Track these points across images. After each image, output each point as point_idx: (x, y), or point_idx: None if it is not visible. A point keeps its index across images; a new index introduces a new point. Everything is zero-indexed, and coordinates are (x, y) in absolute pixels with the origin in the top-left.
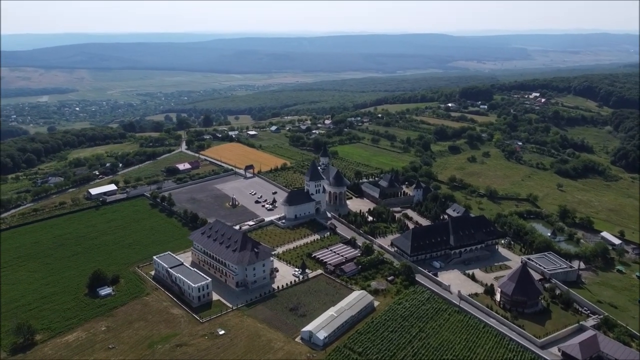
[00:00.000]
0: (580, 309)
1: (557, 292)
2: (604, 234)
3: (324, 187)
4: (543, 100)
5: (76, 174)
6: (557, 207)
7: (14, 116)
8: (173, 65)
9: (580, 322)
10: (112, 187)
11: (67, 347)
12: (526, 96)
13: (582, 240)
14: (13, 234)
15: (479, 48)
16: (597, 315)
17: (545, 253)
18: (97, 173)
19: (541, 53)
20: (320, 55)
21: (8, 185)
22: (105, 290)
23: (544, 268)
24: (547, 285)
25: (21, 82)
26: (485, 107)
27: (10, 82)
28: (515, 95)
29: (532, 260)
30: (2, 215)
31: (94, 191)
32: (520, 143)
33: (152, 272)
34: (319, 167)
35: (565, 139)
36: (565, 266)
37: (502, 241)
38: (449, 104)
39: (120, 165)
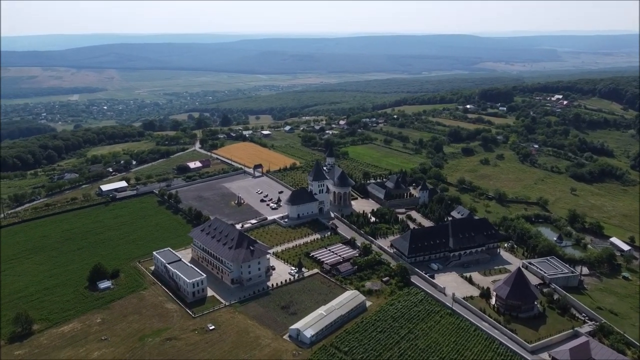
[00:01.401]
0: (578, 315)
1: (556, 297)
2: (613, 239)
3: (327, 187)
4: (565, 102)
5: (91, 170)
6: (567, 212)
7: (44, 114)
8: (199, 66)
9: (575, 328)
10: (123, 183)
11: (62, 337)
12: (548, 98)
13: (589, 246)
14: (24, 227)
15: (507, 49)
16: (593, 322)
17: (548, 257)
18: (111, 170)
19: (572, 55)
20: (346, 56)
21: (26, 180)
22: (104, 284)
23: (544, 272)
24: (545, 290)
25: (53, 82)
26: (505, 109)
27: (42, 81)
28: (537, 98)
29: (533, 265)
30: (17, 209)
31: (105, 187)
32: (536, 146)
33: (152, 268)
34: (324, 167)
35: (584, 142)
36: (566, 271)
37: (505, 244)
38: (467, 106)
39: (134, 162)
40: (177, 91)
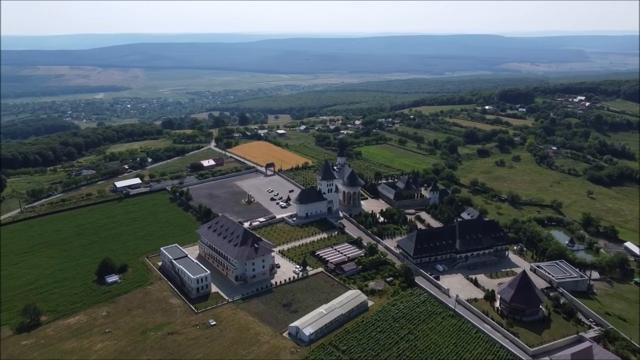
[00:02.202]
0: (584, 320)
1: (562, 301)
2: (628, 244)
3: (336, 187)
4: (587, 104)
5: (107, 167)
6: (582, 215)
7: (69, 112)
8: (222, 65)
9: (580, 333)
10: (137, 180)
11: (68, 329)
12: (570, 100)
13: (602, 250)
14: (39, 222)
15: (532, 49)
16: (599, 327)
17: (557, 261)
18: (127, 167)
19: (600, 55)
20: (368, 56)
21: (46, 176)
22: (112, 278)
23: (552, 276)
24: (552, 294)
25: (80, 80)
26: (524, 110)
27: (70, 79)
28: (559, 99)
29: (542, 268)
30: (34, 204)
31: (119, 184)
32: (554, 148)
33: (160, 263)
34: (335, 167)
35: (604, 144)
36: (575, 275)
37: (515, 247)
38: (486, 107)
39: (150, 160)
40: (200, 90)
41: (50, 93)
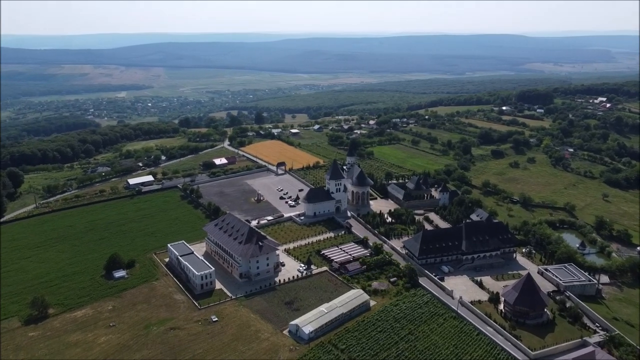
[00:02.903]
0: (590, 325)
1: (568, 304)
2: None
3: (345, 186)
4: (608, 105)
5: (122, 164)
6: (595, 218)
7: (92, 110)
8: (242, 65)
9: (584, 338)
10: (149, 178)
11: (74, 321)
12: (591, 101)
13: (614, 254)
14: (53, 217)
15: (556, 50)
16: (605, 332)
17: (565, 264)
18: (141, 164)
19: (627, 56)
20: (388, 55)
21: (63, 172)
22: (119, 273)
23: (560, 279)
24: (558, 297)
25: (103, 79)
26: (542, 111)
27: (93, 78)
28: (579, 100)
29: (549, 271)
30: (49, 200)
31: (132, 181)
32: (571, 150)
33: (167, 259)
34: (344, 167)
35: (623, 147)
36: (583, 279)
37: (523, 249)
38: (503, 107)
39: (164, 158)
40: (220, 89)
41: (74, 91)
